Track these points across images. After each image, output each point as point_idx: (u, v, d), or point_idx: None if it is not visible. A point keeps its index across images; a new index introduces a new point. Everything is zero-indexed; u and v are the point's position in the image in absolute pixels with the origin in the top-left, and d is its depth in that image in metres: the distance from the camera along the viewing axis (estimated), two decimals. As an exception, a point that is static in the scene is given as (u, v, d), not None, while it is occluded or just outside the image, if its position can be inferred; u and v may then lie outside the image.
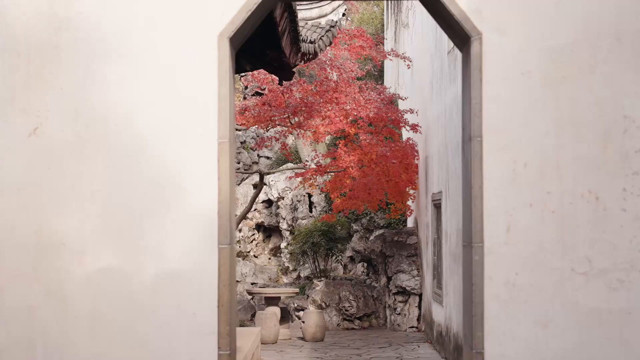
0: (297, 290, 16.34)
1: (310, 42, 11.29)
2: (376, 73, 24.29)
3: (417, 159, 16.16)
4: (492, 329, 4.71)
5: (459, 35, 4.91)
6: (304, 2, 12.26)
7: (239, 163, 24.35)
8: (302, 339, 14.83)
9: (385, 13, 24.64)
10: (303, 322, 14.80)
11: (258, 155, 24.60)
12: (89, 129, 4.84)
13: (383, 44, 22.72)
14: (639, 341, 4.72)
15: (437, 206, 13.67)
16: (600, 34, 4.77)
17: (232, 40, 4.86)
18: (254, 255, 21.61)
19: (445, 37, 12.75)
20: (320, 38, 11.82)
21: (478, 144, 4.72)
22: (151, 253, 4.79)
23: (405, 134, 16.98)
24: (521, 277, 4.71)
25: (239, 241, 21.35)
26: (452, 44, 12.30)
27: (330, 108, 14.86)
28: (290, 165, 20.01)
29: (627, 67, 4.75)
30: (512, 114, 4.75)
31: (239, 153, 25.28)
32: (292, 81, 15.18)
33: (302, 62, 11.27)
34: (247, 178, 21.98)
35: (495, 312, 4.70)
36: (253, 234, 21.65)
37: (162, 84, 4.83)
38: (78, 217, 4.82)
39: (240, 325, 14.57)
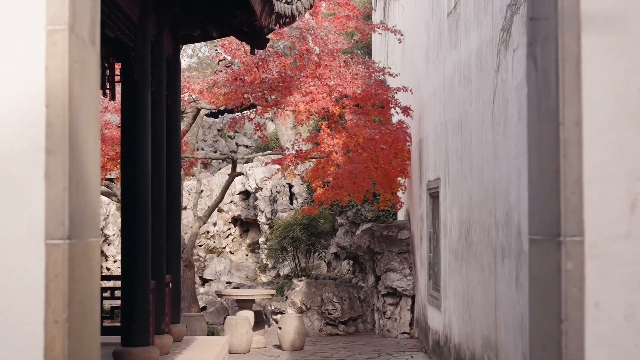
0: (273, 291, 15.43)
1: (287, 2, 10.20)
2: (362, 52, 22.45)
3: (410, 144, 15.07)
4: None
5: None
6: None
7: (215, 152, 23.17)
8: (279, 347, 13.77)
9: (374, -13, 22.95)
10: (280, 328, 13.72)
11: (236, 144, 24.06)
12: None
13: (371, 17, 21.02)
14: None
15: (434, 195, 12.70)
16: None
17: None
18: (230, 252, 20.72)
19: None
20: (299, -1, 10.63)
21: (573, 34, 2.38)
22: None
23: (396, 116, 15.29)
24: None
25: (213, 236, 19.96)
26: (452, 5, 10.56)
27: (312, 83, 13.92)
28: (267, 151, 18.82)
29: None
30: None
31: (216, 141, 23.87)
32: (268, 52, 13.75)
33: (278, 26, 10.61)
34: (223, 167, 20.79)
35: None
36: (229, 228, 20.85)
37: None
38: None
39: (210, 333, 13.58)
